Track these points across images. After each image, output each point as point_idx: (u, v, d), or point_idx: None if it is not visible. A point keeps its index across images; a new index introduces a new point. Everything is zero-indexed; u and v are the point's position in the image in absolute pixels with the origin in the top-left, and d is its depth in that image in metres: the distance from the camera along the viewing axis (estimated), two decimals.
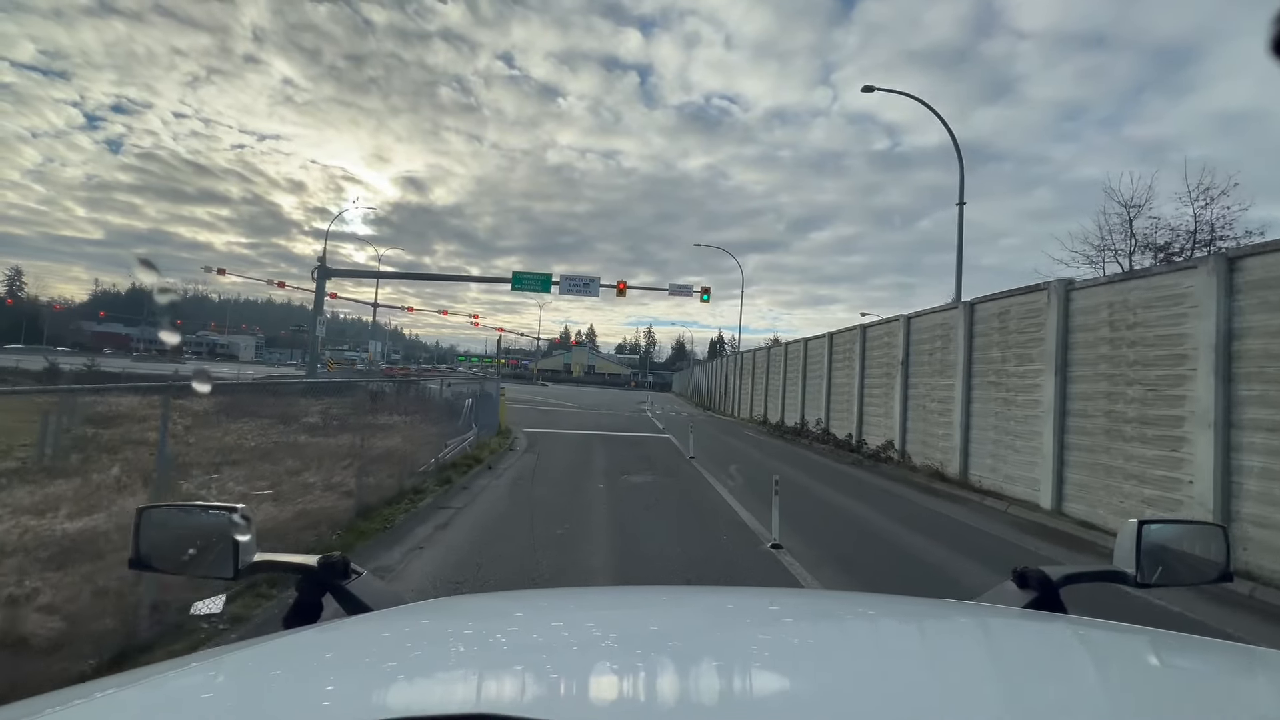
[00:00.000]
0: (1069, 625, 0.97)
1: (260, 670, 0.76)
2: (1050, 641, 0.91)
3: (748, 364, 28.24)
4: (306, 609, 1.06)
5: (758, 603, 1.23)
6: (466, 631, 0.96)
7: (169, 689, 0.70)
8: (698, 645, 0.87)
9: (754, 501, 8.21)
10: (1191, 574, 1.16)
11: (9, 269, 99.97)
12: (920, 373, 12.44)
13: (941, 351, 11.68)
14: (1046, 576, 1.12)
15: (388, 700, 0.66)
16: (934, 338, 11.99)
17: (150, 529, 1.06)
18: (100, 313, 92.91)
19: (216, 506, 1.06)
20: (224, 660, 0.81)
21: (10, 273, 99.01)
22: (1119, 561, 1.12)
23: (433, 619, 1.03)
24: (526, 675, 0.72)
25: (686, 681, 0.71)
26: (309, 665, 0.78)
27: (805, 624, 1.04)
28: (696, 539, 6.15)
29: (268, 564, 1.08)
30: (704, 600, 1.34)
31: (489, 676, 0.73)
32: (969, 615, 1.10)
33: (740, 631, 0.97)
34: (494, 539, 5.80)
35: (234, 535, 1.02)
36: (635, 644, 0.87)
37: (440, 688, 0.71)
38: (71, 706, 0.62)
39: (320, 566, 1.06)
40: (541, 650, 0.85)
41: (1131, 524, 1.11)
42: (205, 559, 1.04)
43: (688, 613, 1.13)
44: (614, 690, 0.69)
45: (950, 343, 11.36)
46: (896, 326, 13.44)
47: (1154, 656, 0.88)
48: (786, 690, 0.71)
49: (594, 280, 28.48)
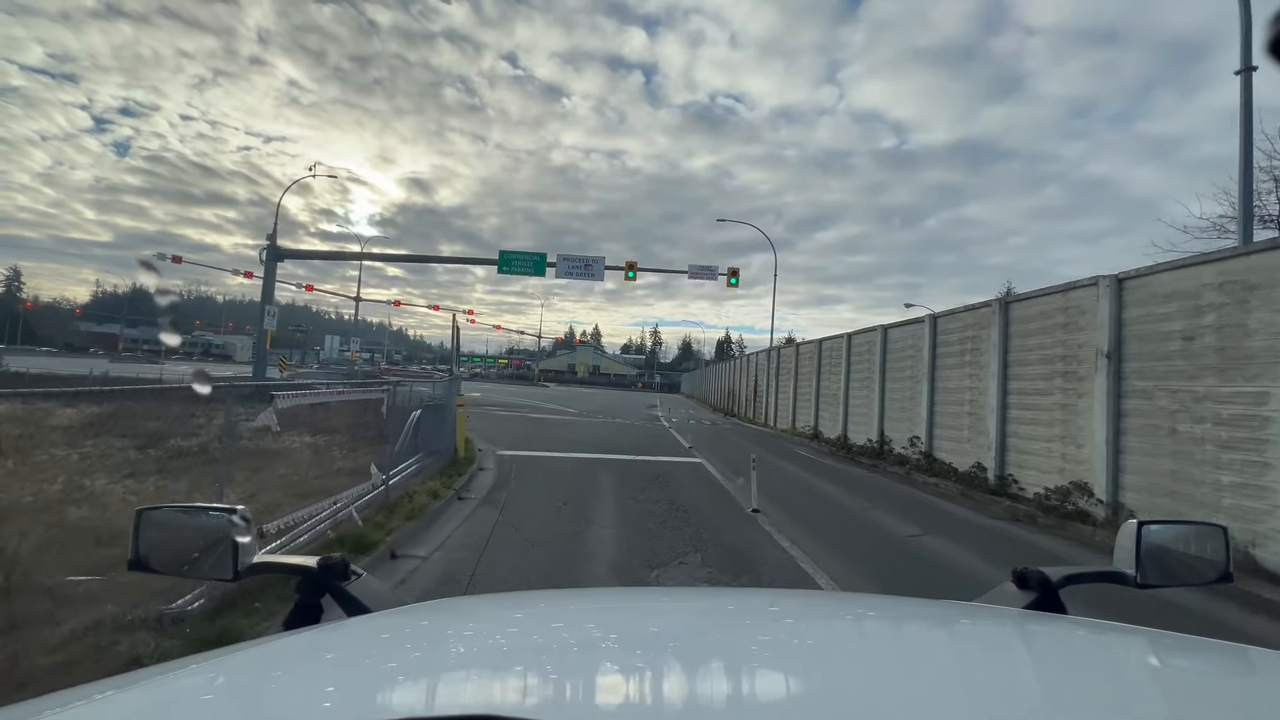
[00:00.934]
0: (1069, 626, 0.97)
1: (260, 671, 0.77)
2: (1050, 642, 0.90)
3: (787, 362, 22.99)
4: (306, 610, 1.06)
5: (758, 604, 1.22)
6: (466, 633, 0.96)
7: (169, 690, 0.71)
8: (698, 646, 0.87)
9: None
10: (1192, 574, 1.14)
11: (8, 269, 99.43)
12: (1169, 373, 7.25)
13: (1229, 335, 6.50)
14: (1046, 577, 1.11)
15: (388, 701, 0.66)
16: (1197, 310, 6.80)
17: (149, 530, 1.05)
18: (77, 311, 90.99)
19: (216, 508, 1.05)
20: (224, 661, 0.80)
21: (9, 272, 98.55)
22: (1119, 562, 1.11)
23: (432, 620, 1.02)
24: (527, 676, 0.72)
25: (687, 683, 0.71)
26: (309, 666, 0.78)
27: (806, 625, 1.03)
28: None
29: (267, 565, 1.09)
30: (704, 601, 1.32)
31: (489, 677, 0.73)
32: (969, 616, 1.08)
33: (741, 633, 0.96)
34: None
35: (234, 536, 1.02)
36: (636, 645, 0.87)
37: (440, 689, 0.70)
38: (72, 707, 0.63)
39: (320, 568, 1.07)
40: (541, 651, 0.85)
41: (1131, 524, 1.11)
42: (205, 560, 1.04)
43: (688, 614, 1.12)
44: (614, 691, 0.69)
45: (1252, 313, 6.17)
46: (1091, 296, 8.26)
47: (1154, 657, 0.87)
48: (787, 691, 0.70)
49: (598, 261, 23.32)
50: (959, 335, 11.42)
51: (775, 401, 24.14)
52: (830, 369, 18.14)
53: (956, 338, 11.49)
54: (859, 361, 16.07)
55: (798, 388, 21.30)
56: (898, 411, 13.71)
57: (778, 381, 24.03)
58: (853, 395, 16.35)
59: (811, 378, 19.59)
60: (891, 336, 14.38)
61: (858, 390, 16.00)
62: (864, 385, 15.57)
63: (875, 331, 15.10)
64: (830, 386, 18.06)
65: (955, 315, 11.68)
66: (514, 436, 14.55)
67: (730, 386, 34.72)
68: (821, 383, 18.83)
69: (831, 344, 18.31)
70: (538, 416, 21.39)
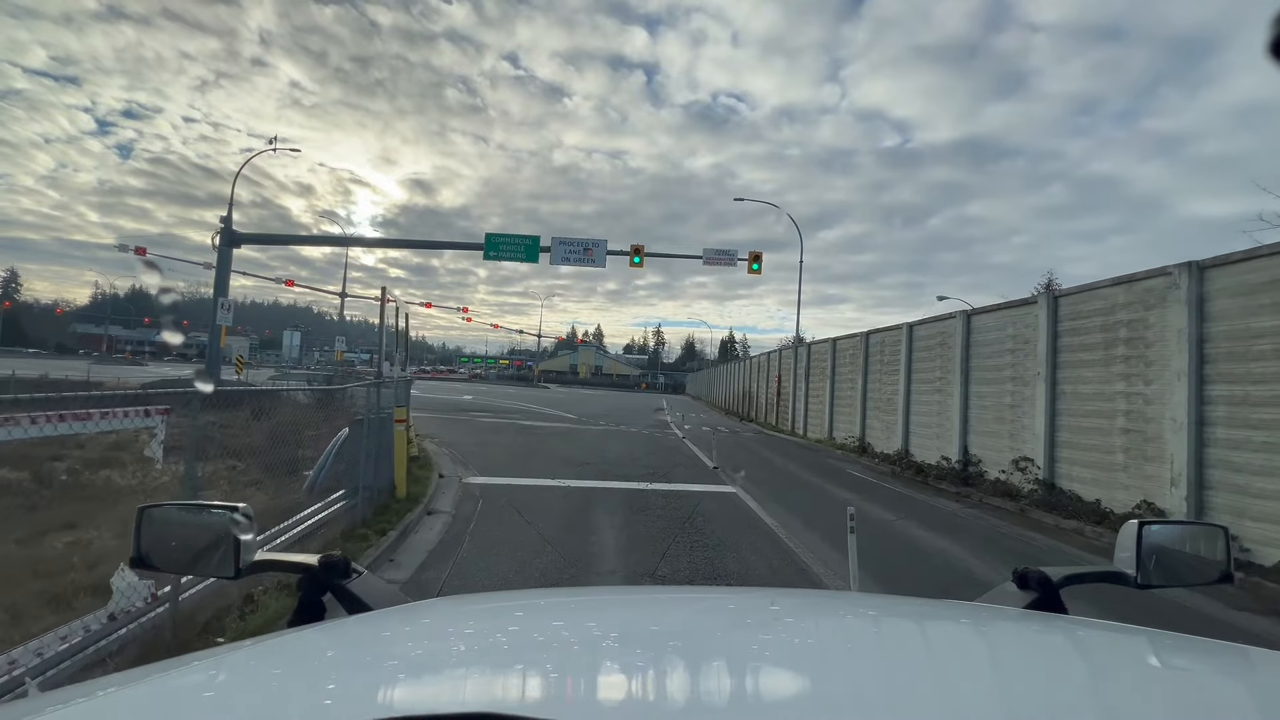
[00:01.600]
0: (1070, 626, 0.96)
1: (262, 669, 0.76)
2: (1051, 642, 0.90)
3: (821, 360, 19.77)
4: (308, 608, 1.06)
5: (759, 602, 1.19)
6: (468, 631, 0.95)
7: (170, 688, 0.70)
8: (699, 645, 0.87)
9: None
10: (1192, 575, 1.14)
11: (5, 270, 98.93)
12: None
13: None
14: (1047, 577, 1.11)
15: (389, 699, 0.65)
16: None
17: (151, 528, 1.06)
18: (58, 310, 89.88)
19: (218, 506, 1.05)
20: (225, 659, 0.79)
21: (6, 274, 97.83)
22: (1120, 562, 1.10)
23: (434, 619, 1.01)
24: (528, 675, 0.72)
25: (688, 681, 0.69)
26: (310, 664, 0.77)
27: (806, 624, 1.02)
28: None
29: (269, 563, 1.08)
30: (705, 600, 1.31)
31: (490, 676, 0.72)
32: (970, 616, 1.06)
33: (741, 632, 0.94)
34: None
35: (236, 534, 1.02)
36: (637, 644, 0.86)
37: (442, 687, 0.70)
38: (72, 705, 0.62)
39: (321, 566, 1.06)
40: (543, 650, 0.84)
41: (1132, 525, 1.10)
42: (207, 558, 1.04)
43: (689, 613, 1.12)
44: (615, 690, 0.68)
45: None
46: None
47: (1154, 657, 0.86)
48: (788, 691, 0.69)
49: (600, 245, 20.18)
50: (1103, 320, 8.22)
51: (805, 406, 20.91)
52: (882, 368, 14.94)
53: (1099, 323, 8.28)
54: (925, 358, 12.89)
55: (835, 391, 18.10)
56: (990, 423, 10.52)
57: (808, 383, 20.80)
58: (917, 400, 13.16)
59: (855, 379, 16.37)
60: (977, 325, 11.19)
61: (925, 394, 12.81)
62: (934, 388, 12.39)
63: (952, 320, 11.90)
64: (883, 390, 14.86)
65: (1095, 292, 8.46)
66: (495, 453, 11.40)
67: (744, 388, 31.51)
68: (870, 385, 15.63)
69: (883, 337, 15.10)
70: (529, 425, 18.21)
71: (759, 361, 29.72)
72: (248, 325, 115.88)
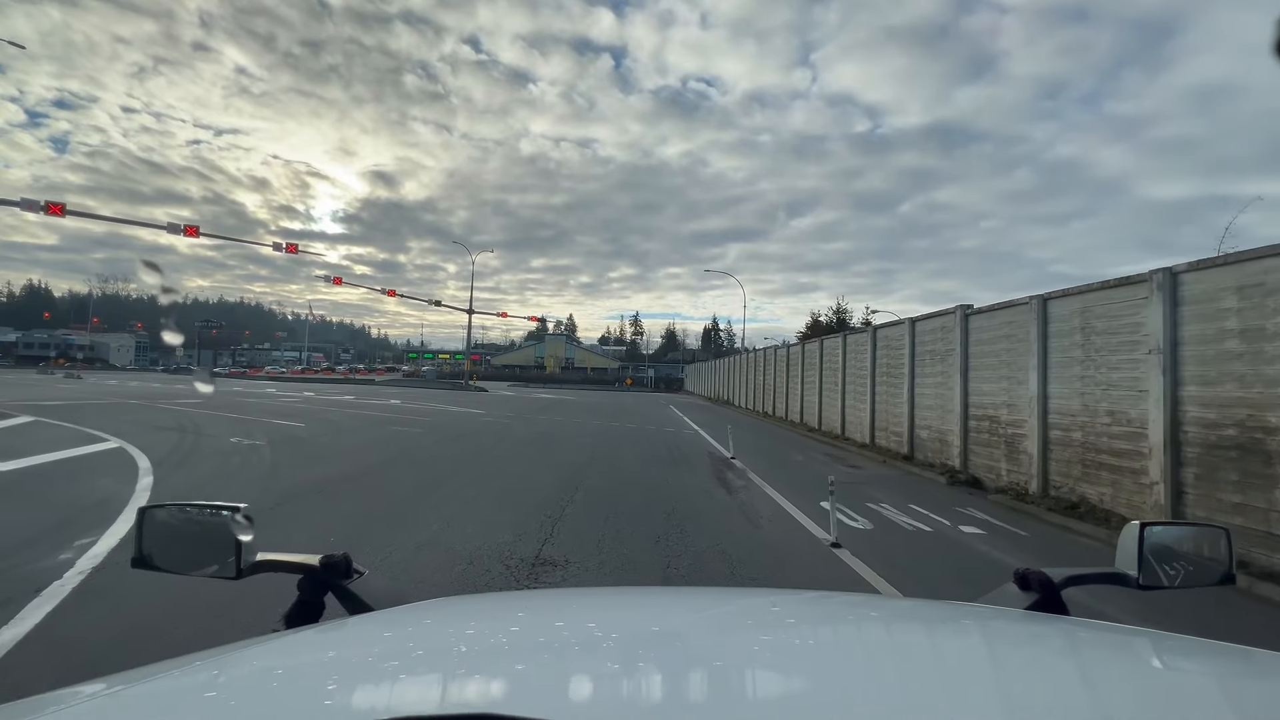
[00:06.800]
0: (1070, 627, 0.96)
1: (262, 669, 0.76)
2: (1052, 643, 0.90)
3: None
4: (308, 608, 1.06)
5: (759, 603, 1.21)
6: (469, 631, 0.95)
7: (170, 688, 0.70)
8: (700, 646, 0.86)
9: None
10: (1194, 576, 1.12)
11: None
12: None
13: None
14: (1048, 578, 1.11)
15: (390, 700, 0.65)
16: None
17: (152, 528, 1.06)
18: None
19: (219, 506, 1.05)
20: (225, 659, 0.79)
21: None
22: (1121, 564, 1.11)
23: (435, 619, 1.02)
24: (529, 675, 0.72)
25: (688, 682, 0.70)
26: (311, 664, 0.78)
27: (807, 625, 1.03)
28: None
29: (270, 563, 1.07)
30: (706, 601, 1.31)
31: (491, 676, 0.72)
32: (970, 616, 1.06)
33: (742, 633, 0.96)
34: None
35: (237, 535, 1.02)
36: (638, 644, 0.86)
37: (442, 687, 0.70)
38: (72, 705, 0.62)
39: (322, 565, 1.07)
40: (544, 650, 0.85)
41: (1133, 526, 1.10)
42: (209, 559, 1.04)
43: (690, 613, 1.11)
44: (616, 690, 0.68)
45: None
46: None
47: (1155, 658, 0.87)
48: (788, 692, 0.69)
49: None
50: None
51: None
52: None
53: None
54: None
55: None
56: None
57: None
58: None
59: None
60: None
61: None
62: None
63: None
64: None
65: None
66: None
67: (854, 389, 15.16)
68: None
69: None
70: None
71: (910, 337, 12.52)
72: (140, 320, 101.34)
